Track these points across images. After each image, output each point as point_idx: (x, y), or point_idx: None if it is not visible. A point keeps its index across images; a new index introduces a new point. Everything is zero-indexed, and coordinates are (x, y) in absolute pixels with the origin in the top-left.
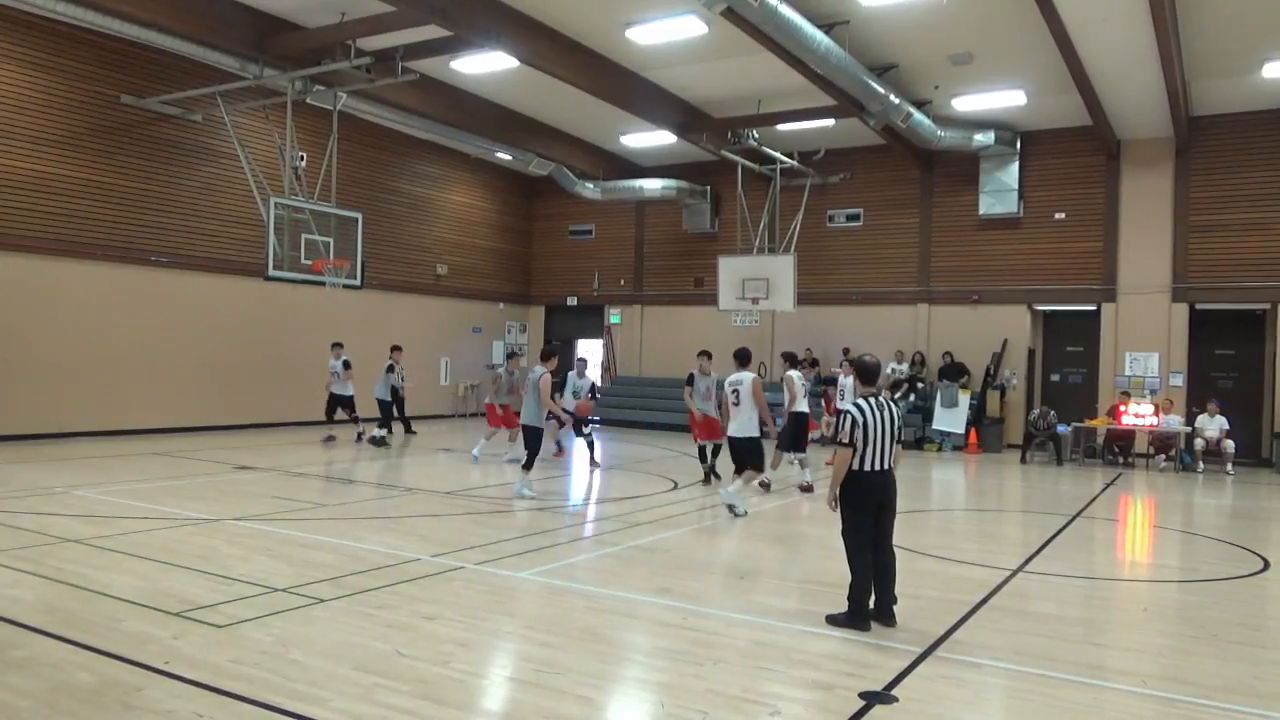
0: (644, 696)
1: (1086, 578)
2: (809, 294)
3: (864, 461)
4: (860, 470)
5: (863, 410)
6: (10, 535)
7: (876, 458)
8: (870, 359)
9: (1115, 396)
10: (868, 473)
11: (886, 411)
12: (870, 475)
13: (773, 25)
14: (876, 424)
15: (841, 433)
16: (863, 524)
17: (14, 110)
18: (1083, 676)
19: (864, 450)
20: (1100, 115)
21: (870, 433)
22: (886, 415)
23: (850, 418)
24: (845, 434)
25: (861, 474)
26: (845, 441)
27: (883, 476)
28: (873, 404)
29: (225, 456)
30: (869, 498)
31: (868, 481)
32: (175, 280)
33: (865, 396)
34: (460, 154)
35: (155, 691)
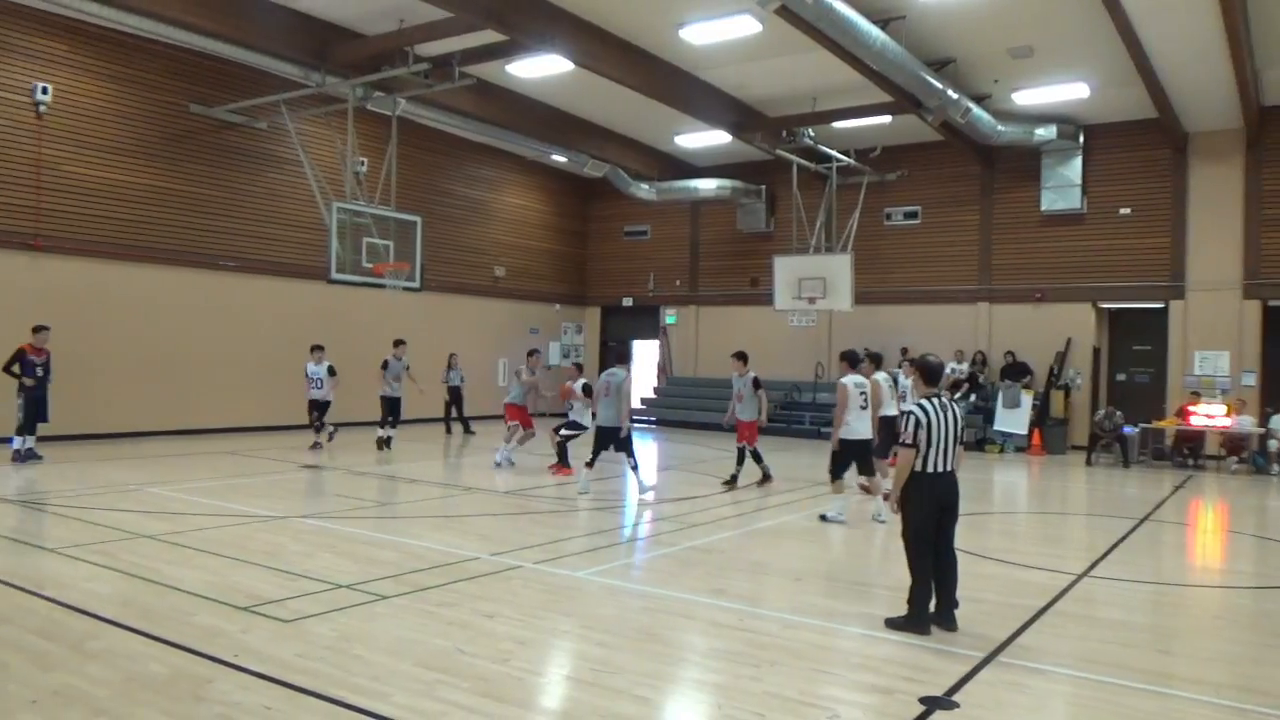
0: (700, 698)
1: (1155, 583)
2: (866, 293)
3: (927, 463)
4: (923, 472)
5: (926, 411)
6: (88, 531)
7: (940, 459)
8: (934, 359)
9: (1184, 397)
10: (931, 474)
11: (950, 412)
12: (933, 477)
13: (828, 22)
14: (940, 425)
15: (904, 433)
16: (924, 526)
17: (89, 121)
18: (1151, 685)
19: (927, 451)
20: (1167, 107)
21: (934, 434)
22: (950, 416)
23: (914, 418)
24: (908, 435)
25: (924, 475)
26: (908, 442)
27: (946, 478)
28: (936, 404)
29: (290, 455)
30: (931, 500)
31: (930, 483)
32: (242, 284)
33: (928, 397)
34: (516, 157)
35: (224, 683)
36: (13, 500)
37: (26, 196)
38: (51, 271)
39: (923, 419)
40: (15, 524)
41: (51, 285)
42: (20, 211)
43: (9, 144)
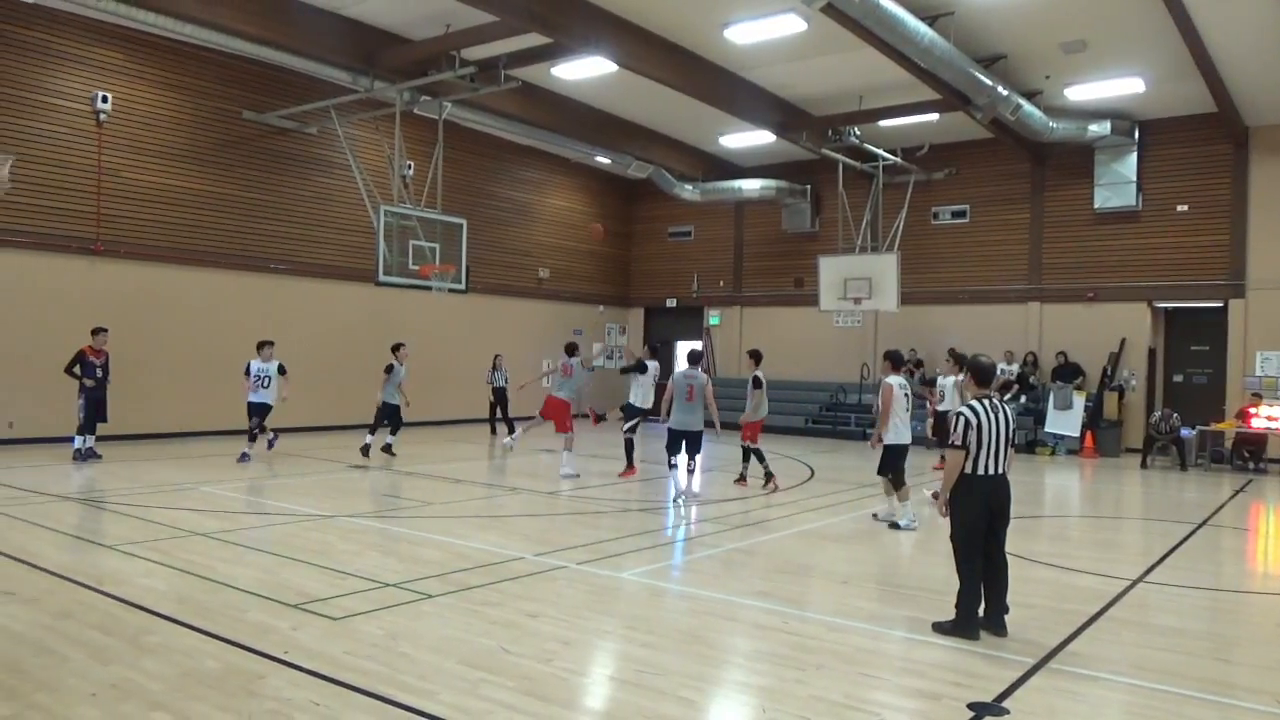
0: (745, 700)
1: (1213, 590)
2: (913, 293)
3: (977, 465)
4: (973, 474)
5: (977, 412)
6: (144, 528)
7: (990, 461)
8: (986, 360)
9: (1245, 398)
10: (981, 477)
11: (1001, 414)
12: (983, 479)
13: (874, 19)
14: (991, 426)
15: (954, 435)
16: (974, 530)
17: (144, 127)
18: (1209, 694)
19: (978, 453)
20: (1226, 101)
21: (985, 435)
22: (1001, 418)
23: (964, 419)
24: (958, 436)
25: (974, 478)
26: (958, 444)
27: (996, 481)
28: (987, 406)
29: (338, 455)
30: (981, 503)
31: (981, 486)
32: (291, 286)
33: (980, 398)
34: (560, 159)
35: (275, 680)
36: (73, 498)
37: (88, 202)
38: (110, 275)
39: (973, 420)
40: (76, 521)
41: (110, 288)
42: (81, 217)
43: (72, 152)
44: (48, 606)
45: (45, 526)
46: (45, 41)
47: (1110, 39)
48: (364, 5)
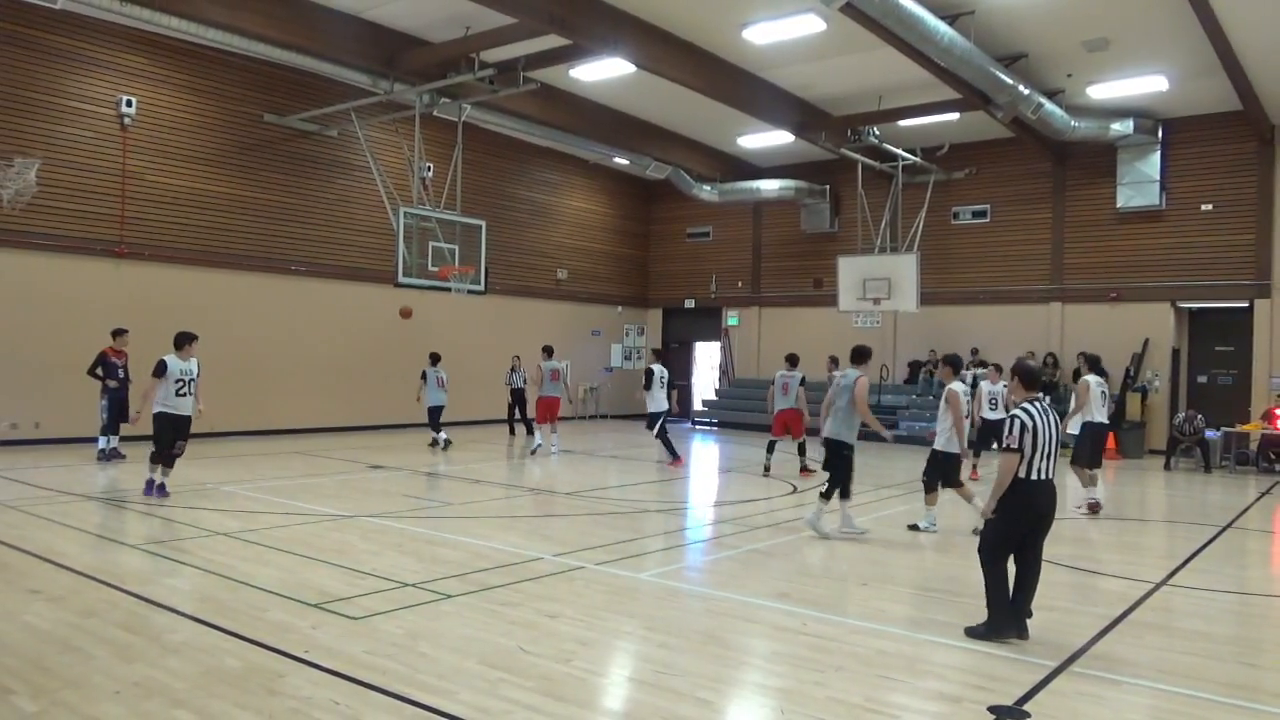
0: (763, 701)
1: (1239, 593)
2: (933, 294)
3: (1030, 469)
4: (1025, 478)
5: (1031, 415)
6: (168, 528)
7: (1043, 464)
8: (1032, 362)
9: (1271, 399)
10: (1034, 481)
11: (1050, 417)
12: (1036, 484)
13: (894, 19)
14: (1044, 429)
15: (1009, 437)
16: (1012, 534)
17: (169, 131)
18: (1234, 698)
19: (1031, 456)
20: (1252, 99)
21: (1039, 439)
22: (1052, 420)
23: (1019, 422)
24: (1014, 438)
25: (1027, 482)
26: (1013, 446)
27: (1047, 486)
28: (1039, 408)
29: (359, 456)
30: (1030, 507)
31: (1032, 491)
32: (312, 288)
33: (1030, 400)
34: (579, 160)
35: (296, 678)
36: (97, 498)
37: (112, 206)
38: (133, 278)
39: (1028, 423)
40: (100, 521)
41: (133, 291)
42: (105, 220)
43: (97, 156)
44: (73, 605)
45: (70, 526)
46: (71, 47)
47: (1133, 36)
48: (384, 8)
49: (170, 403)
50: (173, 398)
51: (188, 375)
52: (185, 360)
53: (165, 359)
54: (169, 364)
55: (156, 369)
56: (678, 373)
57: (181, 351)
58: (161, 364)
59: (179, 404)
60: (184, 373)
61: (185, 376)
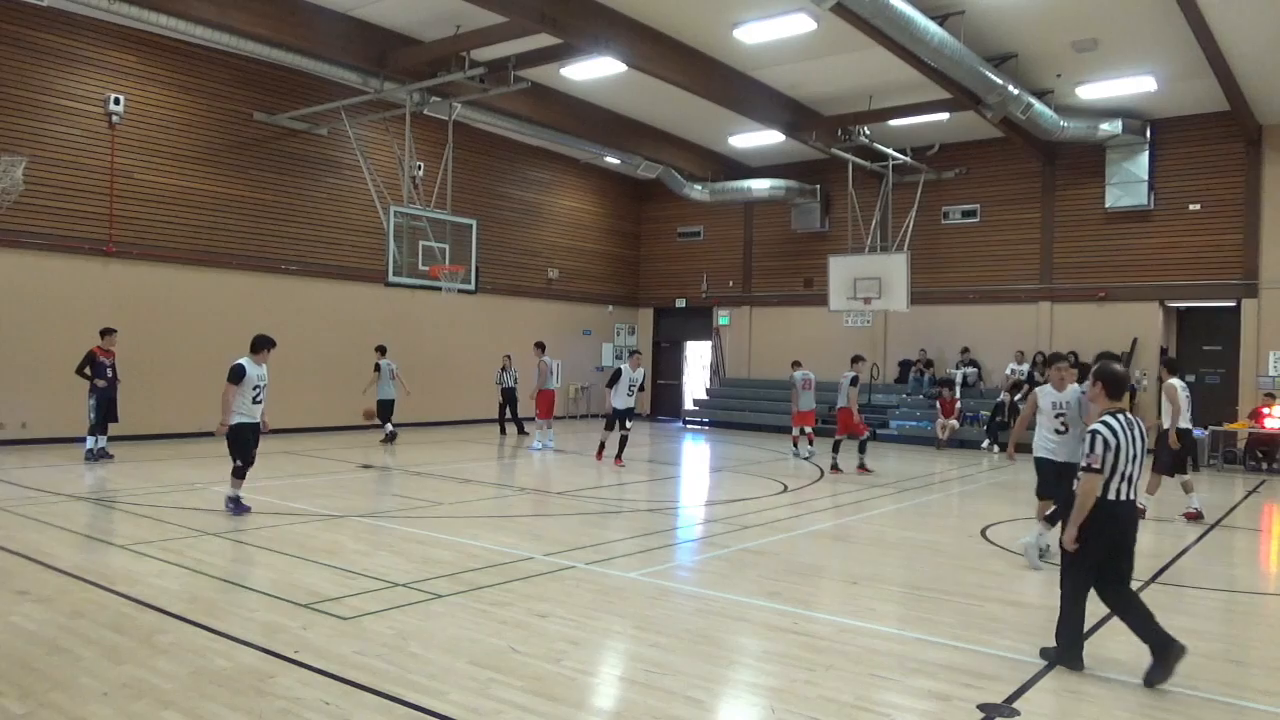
0: (754, 700)
1: (1226, 591)
2: (923, 293)
3: (1108, 489)
4: (1104, 499)
5: (1114, 429)
6: (157, 528)
7: (1124, 485)
8: (1119, 367)
9: (1258, 398)
10: (1114, 502)
11: (1136, 429)
12: (1117, 506)
13: (884, 19)
14: (1128, 445)
15: (1090, 455)
16: (1093, 561)
17: (159, 130)
18: (1221, 696)
19: (1111, 476)
20: (1239, 99)
21: (1122, 457)
22: (1137, 434)
23: (1100, 438)
24: (1095, 457)
25: (1107, 504)
26: (1095, 466)
27: (1129, 509)
28: (1123, 421)
29: (349, 455)
30: (1111, 532)
31: (1114, 513)
32: (303, 287)
33: (1113, 412)
34: (570, 159)
35: (286, 679)
36: (86, 498)
37: (100, 204)
38: (122, 276)
39: (1111, 440)
40: (88, 521)
41: (122, 290)
42: (94, 219)
43: (84, 154)
44: (61, 606)
45: (58, 526)
46: (58, 44)
47: (1122, 37)
48: (374, 6)
49: (246, 410)
50: (248, 405)
51: (263, 381)
52: (260, 365)
53: (242, 363)
54: (247, 369)
55: (234, 374)
56: (668, 372)
57: (257, 355)
58: (239, 369)
59: (254, 411)
60: (260, 378)
61: (261, 382)
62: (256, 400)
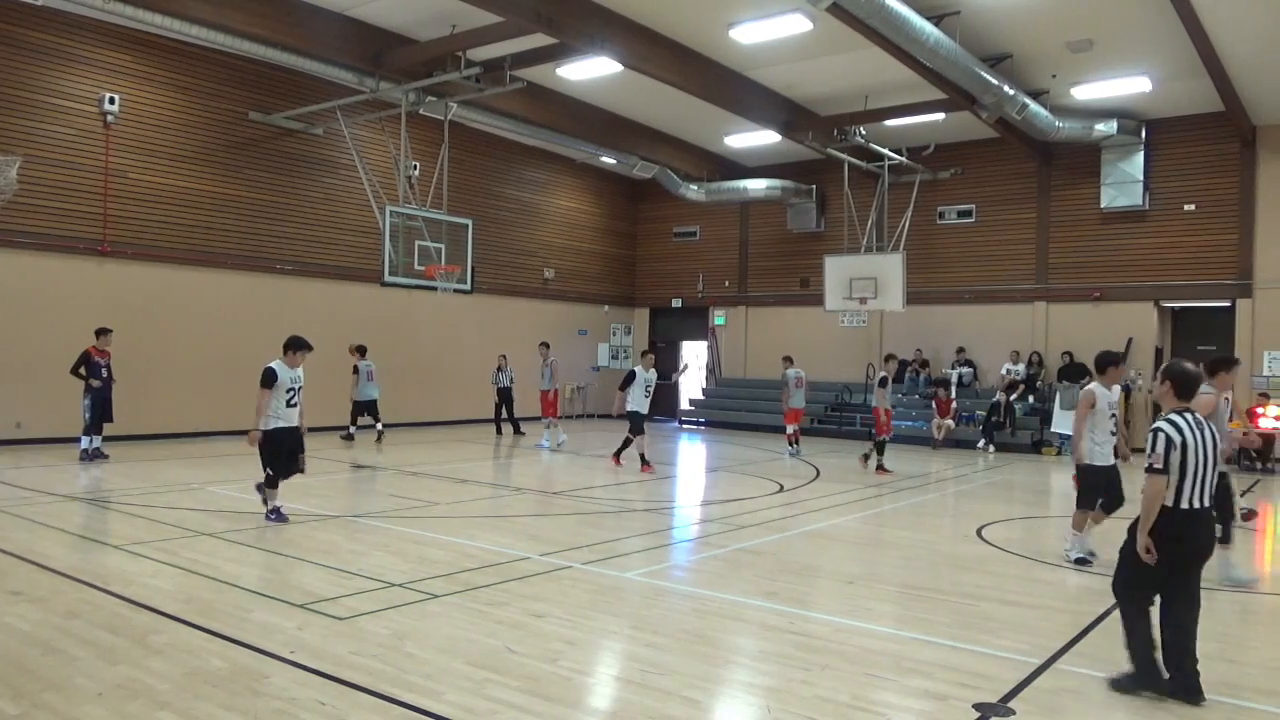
0: (750, 700)
1: (1221, 590)
2: (919, 293)
3: (1180, 496)
4: (1175, 507)
5: (1180, 429)
6: (152, 528)
7: (1196, 491)
8: (1191, 367)
9: (1252, 398)
10: (1184, 511)
11: (1206, 431)
12: (1187, 515)
13: (880, 19)
14: (1198, 447)
15: (1152, 455)
16: (1157, 573)
17: (155, 129)
18: (1218, 695)
19: (1181, 481)
20: (1234, 100)
21: (1191, 459)
22: (1208, 435)
23: (1164, 437)
24: (1157, 456)
25: (1176, 512)
26: (1157, 467)
27: (1202, 518)
28: (1190, 421)
29: (344, 455)
30: (1181, 543)
31: (1183, 522)
32: (298, 287)
33: (1180, 411)
34: (566, 159)
35: (281, 679)
36: (81, 498)
37: (94, 204)
38: (116, 276)
39: (1175, 439)
40: (83, 521)
41: (116, 290)
42: (88, 218)
43: (79, 153)
44: (55, 606)
45: (52, 526)
46: (53, 44)
47: (1117, 38)
48: (370, 6)
49: (281, 414)
50: (283, 409)
51: (297, 384)
52: (294, 368)
53: (273, 366)
54: (279, 372)
55: (266, 378)
56: (663, 372)
57: (290, 357)
58: (270, 373)
59: (289, 415)
60: (294, 381)
61: (295, 385)
62: (291, 404)
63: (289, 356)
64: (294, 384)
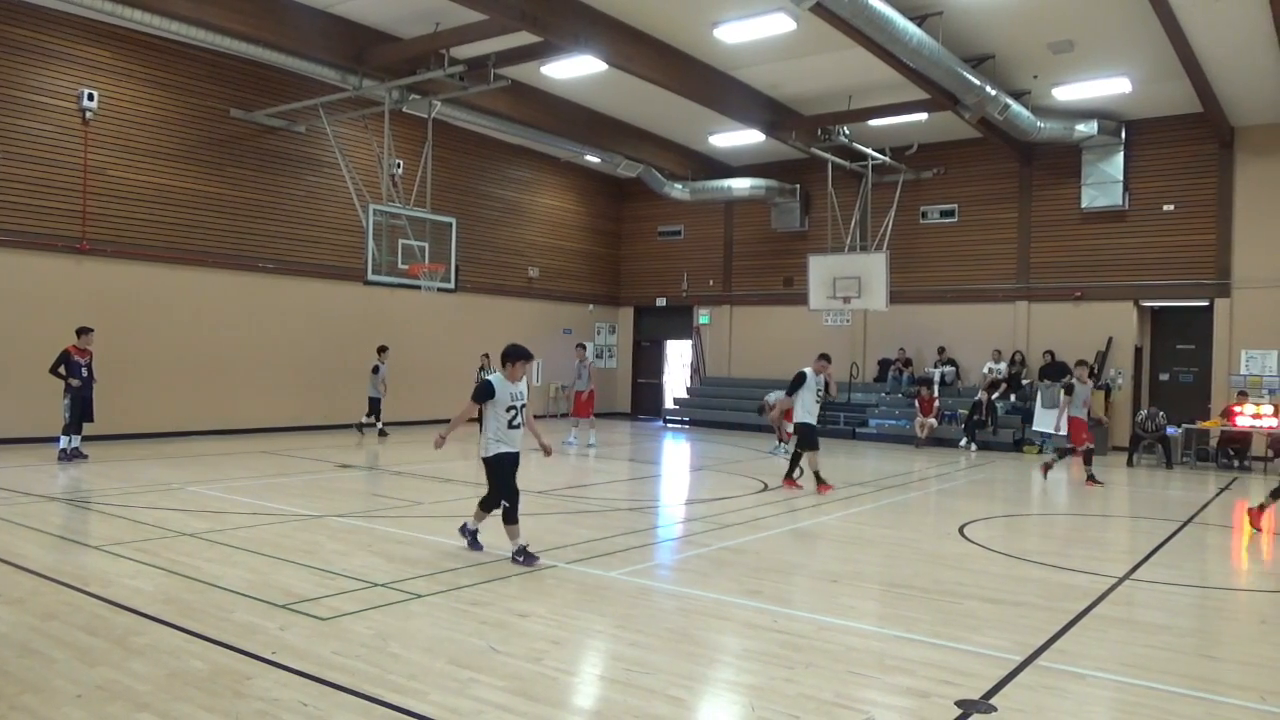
0: (734, 699)
1: (1199, 587)
2: (902, 292)
3: None
4: None
5: None
6: (132, 529)
7: None
8: None
9: (1230, 396)
10: None
11: None
12: None
13: (863, 19)
14: None
15: None
16: None
17: (134, 126)
18: (1195, 690)
19: None
20: (1212, 101)
21: None
22: None
23: None
24: None
25: None
26: None
27: None
28: None
29: (327, 455)
30: None
31: None
32: (281, 285)
33: None
34: (551, 158)
35: (263, 680)
36: (59, 498)
37: (73, 201)
38: (96, 274)
39: None
40: (61, 522)
41: (96, 288)
42: (67, 216)
43: (57, 150)
44: (33, 608)
45: (30, 527)
46: (31, 39)
47: (1097, 39)
48: (353, 3)
49: (503, 436)
50: (504, 430)
51: (519, 400)
52: (516, 382)
53: (490, 379)
54: (497, 386)
55: (480, 392)
56: (647, 371)
57: (511, 370)
58: (486, 386)
59: (512, 438)
60: (515, 397)
61: (516, 402)
62: (514, 425)
63: (510, 369)
64: (515, 401)
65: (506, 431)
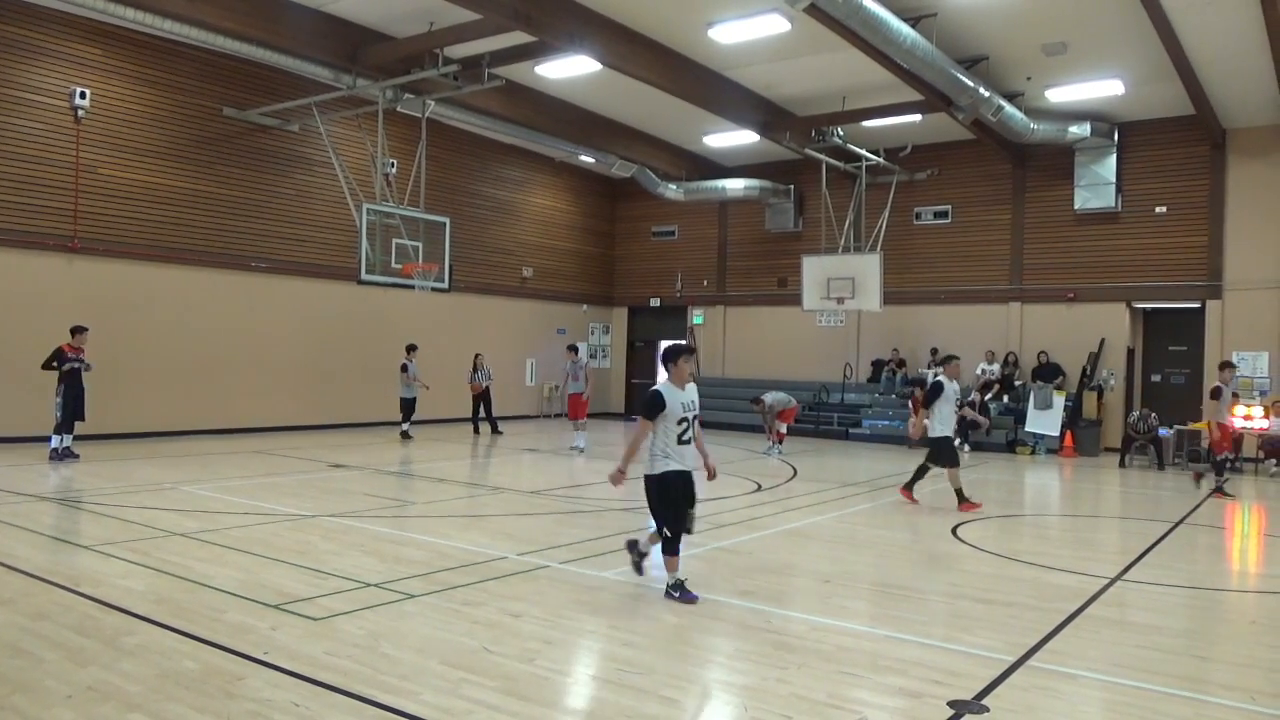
0: (727, 699)
1: (1190, 587)
2: (896, 293)
3: None
4: None
5: None
6: (123, 528)
7: None
8: None
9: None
10: None
11: None
12: None
13: (858, 20)
14: None
15: None
16: None
17: (125, 124)
18: (1185, 690)
19: None
20: (1204, 104)
21: None
22: None
23: None
24: None
25: None
26: None
27: None
28: None
29: (320, 455)
30: None
31: None
32: (273, 285)
33: None
34: (545, 158)
35: (255, 680)
36: (50, 498)
37: (65, 199)
38: (87, 273)
39: None
40: (53, 521)
41: (87, 286)
42: (59, 214)
43: (49, 148)
44: (23, 608)
45: (21, 527)
46: (23, 37)
47: (1090, 41)
48: (346, 2)
49: (672, 451)
50: (673, 445)
51: (690, 410)
52: (684, 386)
53: (660, 389)
54: (666, 397)
55: (652, 406)
56: (641, 371)
57: (678, 370)
58: (657, 398)
59: (682, 454)
60: (686, 407)
61: (688, 413)
62: (684, 439)
63: (676, 368)
64: (686, 411)
65: (675, 447)
